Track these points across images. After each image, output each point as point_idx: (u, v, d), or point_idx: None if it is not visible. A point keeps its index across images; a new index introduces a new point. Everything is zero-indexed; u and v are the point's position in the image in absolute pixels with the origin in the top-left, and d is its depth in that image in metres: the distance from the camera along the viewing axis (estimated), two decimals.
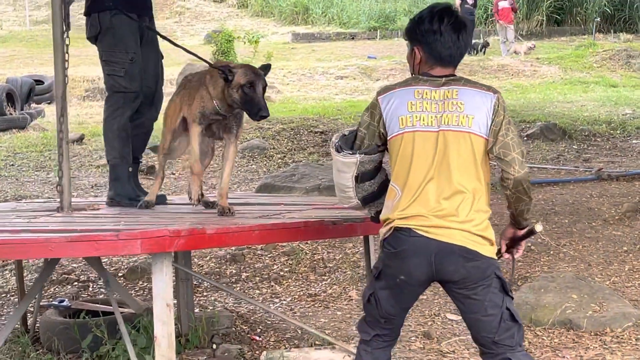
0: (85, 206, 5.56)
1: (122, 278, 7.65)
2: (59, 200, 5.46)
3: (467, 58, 24.05)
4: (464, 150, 3.90)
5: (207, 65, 5.25)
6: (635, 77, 21.54)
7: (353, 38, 30.49)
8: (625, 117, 14.94)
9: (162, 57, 5.96)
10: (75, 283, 7.58)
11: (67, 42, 5.39)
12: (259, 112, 4.94)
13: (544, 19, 30.66)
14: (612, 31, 29.00)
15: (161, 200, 5.73)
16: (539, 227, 4.14)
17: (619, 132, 13.93)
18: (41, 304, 6.34)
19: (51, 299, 7.13)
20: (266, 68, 5.15)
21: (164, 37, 5.76)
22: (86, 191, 10.95)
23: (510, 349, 3.96)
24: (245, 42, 23.38)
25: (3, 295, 7.31)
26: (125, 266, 7.85)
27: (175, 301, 6.43)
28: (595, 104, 17.01)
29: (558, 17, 31.08)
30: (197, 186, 5.39)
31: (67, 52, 5.39)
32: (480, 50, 25.45)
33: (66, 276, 7.68)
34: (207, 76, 5.15)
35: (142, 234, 4.07)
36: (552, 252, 7.79)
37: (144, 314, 5.63)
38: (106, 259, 7.76)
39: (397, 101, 3.99)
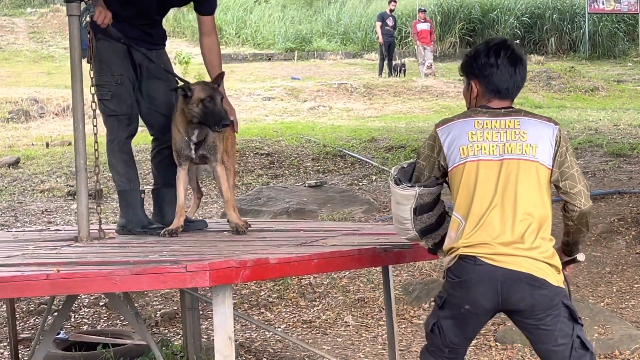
0: (102, 235, 5.33)
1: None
2: (55, 228, 5.26)
3: (390, 80, 24.33)
4: (529, 178, 3.90)
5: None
6: (557, 97, 21.99)
7: (270, 59, 30.43)
8: None
9: (177, 83, 5.78)
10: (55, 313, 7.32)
11: (90, 66, 5.26)
12: (221, 121, 5.21)
13: (457, 40, 31.17)
14: (523, 53, 29.51)
15: (195, 225, 5.64)
16: (581, 257, 4.19)
17: None
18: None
19: (33, 331, 6.90)
20: (220, 76, 5.44)
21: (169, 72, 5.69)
22: (38, 217, 10.66)
23: None
24: (176, 63, 23.12)
25: None
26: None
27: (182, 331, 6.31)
28: None
29: (470, 39, 31.58)
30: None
31: (92, 77, 5.22)
32: (400, 71, 25.65)
33: (44, 306, 7.41)
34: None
35: (210, 266, 3.90)
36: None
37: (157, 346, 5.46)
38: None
39: (457, 132, 3.99)
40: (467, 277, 3.87)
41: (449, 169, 4.00)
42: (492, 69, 4.01)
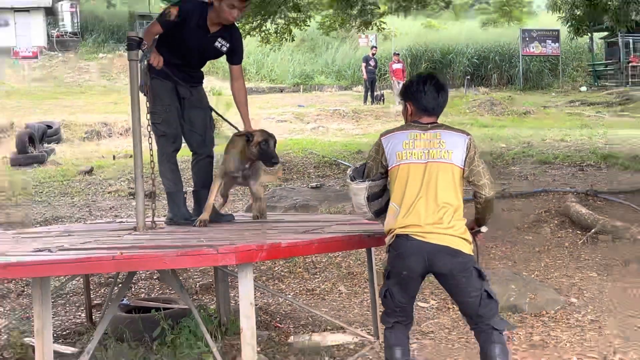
0: (153, 225, 5.32)
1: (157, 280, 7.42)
2: (120, 220, 5.23)
3: (373, 106, 24.25)
4: (447, 177, 4.06)
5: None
6: (499, 119, 21.88)
7: (282, 91, 30.40)
8: (501, 149, 15.11)
9: (212, 110, 5.77)
10: (119, 285, 7.29)
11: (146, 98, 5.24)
12: (272, 159, 5.30)
13: None
14: (473, 85, 29.48)
15: (225, 218, 5.64)
16: (484, 229, 4.37)
17: (499, 161, 14.07)
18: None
19: (103, 299, 6.87)
20: (271, 136, 5.45)
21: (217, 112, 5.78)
22: (107, 212, 10.63)
23: (490, 318, 4.07)
24: (211, 95, 23.09)
25: (72, 296, 7.01)
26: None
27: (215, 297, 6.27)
28: (476, 139, 17.17)
29: None
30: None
31: (147, 105, 5.20)
32: (380, 100, 25.62)
33: (111, 280, 7.39)
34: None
35: (236, 249, 3.90)
36: (485, 254, 7.79)
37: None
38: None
39: (395, 141, 4.13)
40: (402, 250, 4.02)
41: (389, 168, 4.15)
42: (421, 94, 4.15)
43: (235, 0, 5.25)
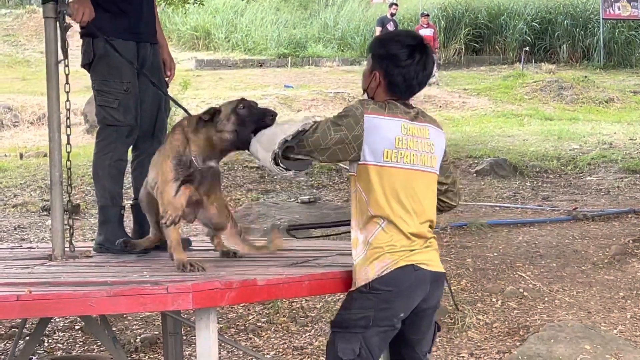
0: (78, 253, 5.32)
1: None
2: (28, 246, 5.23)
3: None
4: (432, 189, 4.29)
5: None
6: (569, 109, 22.02)
7: (261, 65, 30.43)
8: (573, 152, 15.22)
9: (167, 86, 5.78)
10: (26, 338, 7.30)
11: (67, 71, 5.19)
12: (265, 115, 4.66)
13: (462, 47, 31.21)
14: (533, 61, 29.60)
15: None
16: None
17: (570, 168, 14.16)
18: None
19: (2, 357, 6.88)
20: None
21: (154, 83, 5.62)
22: (10, 234, 10.64)
23: (428, 353, 4.40)
24: None
25: None
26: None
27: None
28: (537, 138, 17.28)
29: (476, 45, 31.67)
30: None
31: (68, 82, 5.19)
32: None
33: (15, 330, 7.39)
34: None
35: (193, 287, 3.90)
36: (547, 299, 7.83)
37: None
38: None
39: (383, 132, 4.12)
40: (406, 285, 4.12)
41: (364, 163, 4.14)
42: (409, 61, 4.20)
43: None
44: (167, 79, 5.81)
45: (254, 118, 4.61)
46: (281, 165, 4.28)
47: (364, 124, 4.10)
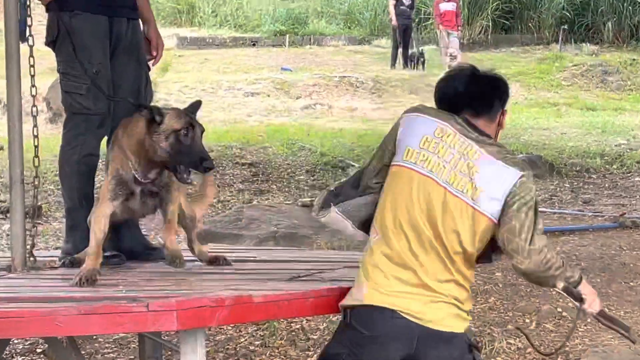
0: (41, 264, 5.32)
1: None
2: None
3: (405, 73, 24.36)
4: (463, 221, 4.05)
5: None
6: (614, 98, 22.02)
7: (254, 44, 30.45)
8: (619, 148, 15.22)
9: (149, 69, 5.78)
10: None
11: (30, 52, 5.22)
12: (200, 162, 4.74)
13: (489, 24, 31.15)
14: (572, 41, 29.59)
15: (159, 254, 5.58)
16: None
17: (616, 167, 14.17)
18: None
19: None
20: (197, 105, 5.06)
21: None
22: None
23: None
24: None
25: None
26: None
27: None
28: (577, 131, 17.28)
29: (506, 22, 31.64)
30: None
31: (33, 65, 5.21)
32: (418, 63, 25.61)
33: None
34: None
35: (177, 304, 3.90)
36: (589, 321, 7.79)
37: None
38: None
39: (416, 126, 4.12)
40: (382, 332, 4.06)
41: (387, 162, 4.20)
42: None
43: None
44: (152, 60, 5.79)
45: (190, 154, 4.74)
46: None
47: (401, 119, 4.20)
